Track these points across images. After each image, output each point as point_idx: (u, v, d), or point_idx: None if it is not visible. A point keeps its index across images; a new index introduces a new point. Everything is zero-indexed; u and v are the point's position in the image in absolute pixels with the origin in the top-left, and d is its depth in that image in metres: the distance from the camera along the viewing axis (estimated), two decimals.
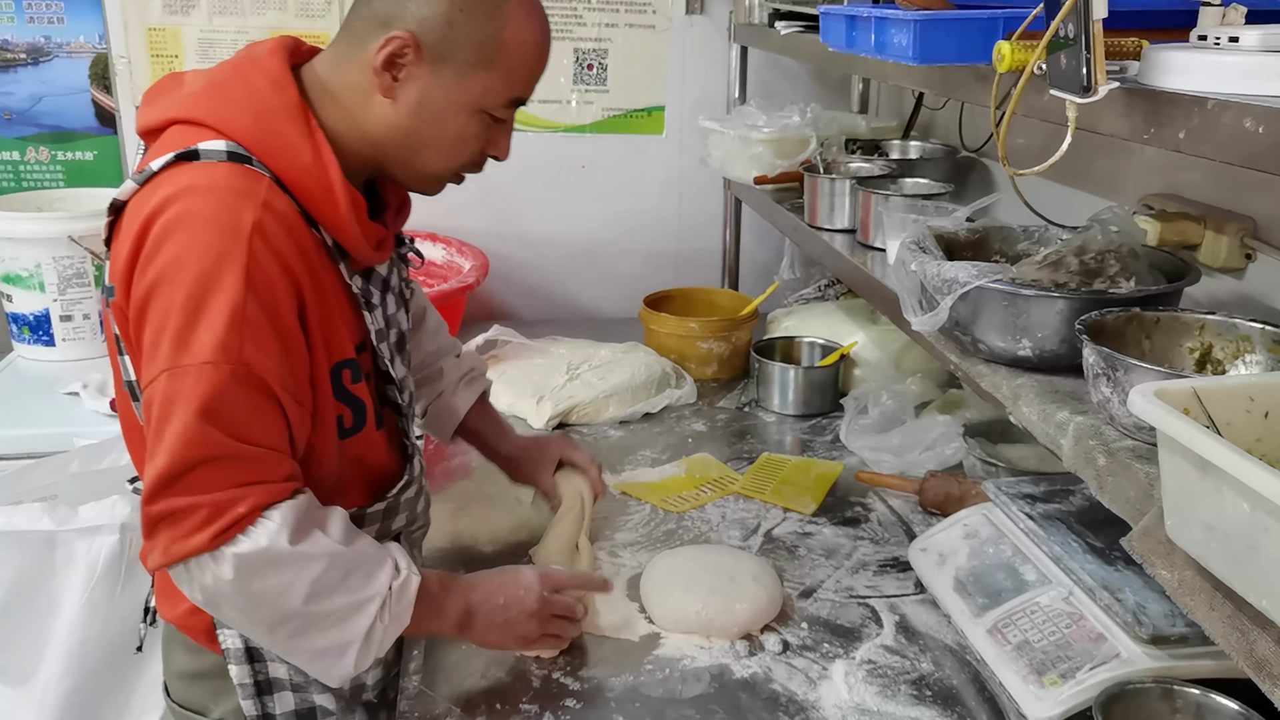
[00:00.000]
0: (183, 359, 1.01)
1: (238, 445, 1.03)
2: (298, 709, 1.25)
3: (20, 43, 2.45)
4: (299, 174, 1.10)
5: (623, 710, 1.20)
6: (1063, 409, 1.08)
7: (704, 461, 1.84)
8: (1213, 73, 0.86)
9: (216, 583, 1.03)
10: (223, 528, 1.02)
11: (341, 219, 1.12)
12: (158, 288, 1.02)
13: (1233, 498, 0.71)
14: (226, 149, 1.07)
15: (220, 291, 1.01)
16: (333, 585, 1.08)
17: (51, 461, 1.88)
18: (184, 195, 1.04)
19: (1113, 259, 1.20)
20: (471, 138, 1.19)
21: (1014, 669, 1.18)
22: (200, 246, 1.02)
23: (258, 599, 1.05)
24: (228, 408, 1.02)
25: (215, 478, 1.02)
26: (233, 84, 1.13)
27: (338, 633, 1.09)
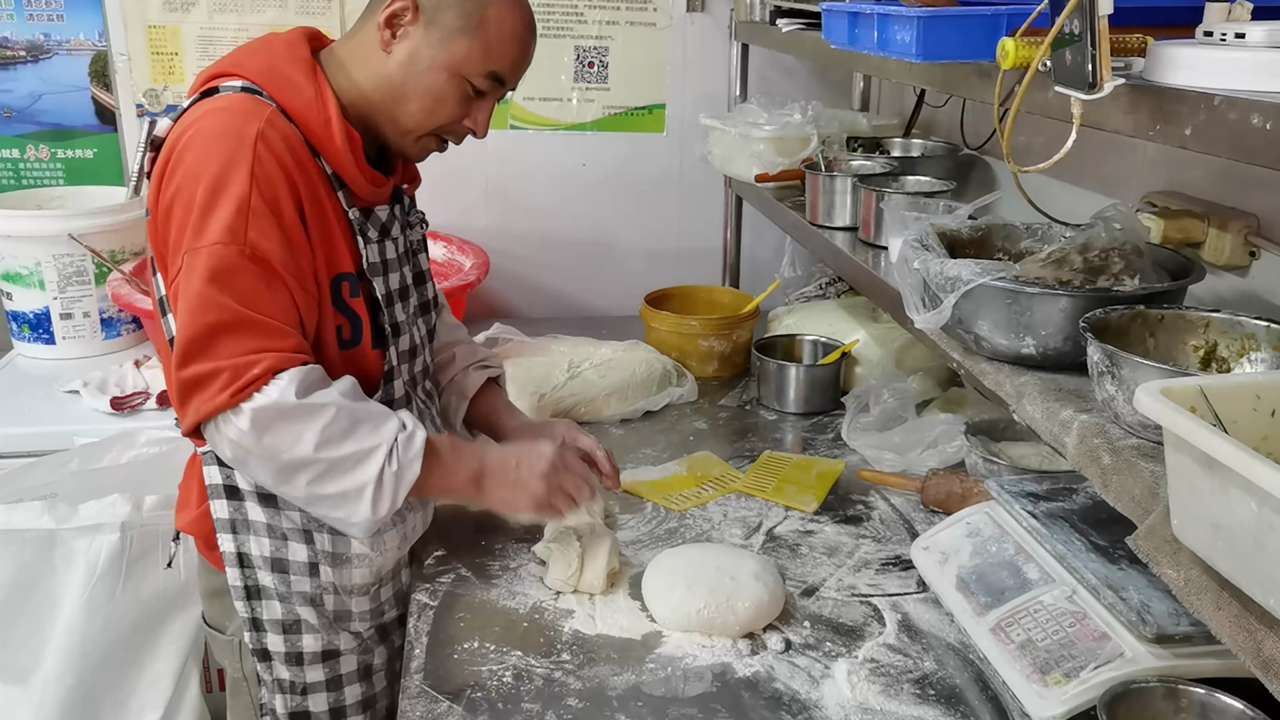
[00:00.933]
0: (197, 242, 1.19)
1: (248, 313, 1.19)
2: (283, 619, 1.37)
3: (20, 40, 2.45)
4: (301, 107, 1.28)
5: (625, 709, 1.20)
6: (1067, 407, 1.08)
7: (706, 460, 1.84)
8: (1219, 69, 0.85)
9: (239, 435, 1.20)
10: (240, 386, 1.18)
11: (337, 148, 1.29)
12: (179, 194, 1.21)
13: (1240, 496, 0.71)
14: (240, 85, 1.28)
15: (229, 185, 1.20)
16: (341, 434, 1.23)
17: (51, 460, 1.87)
18: (200, 119, 1.24)
19: (1116, 256, 1.19)
20: (449, 100, 1.34)
21: (1017, 668, 1.18)
22: (211, 152, 1.21)
23: (274, 448, 1.21)
24: (236, 280, 1.19)
25: (232, 344, 1.19)
26: (254, 45, 1.35)
27: (350, 478, 1.24)
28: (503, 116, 2.60)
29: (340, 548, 1.38)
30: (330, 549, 1.37)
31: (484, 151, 1.36)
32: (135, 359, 2.22)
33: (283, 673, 1.38)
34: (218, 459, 1.32)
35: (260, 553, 1.35)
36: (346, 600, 1.41)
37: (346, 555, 1.38)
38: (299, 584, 1.36)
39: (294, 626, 1.37)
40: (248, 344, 1.19)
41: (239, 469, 1.30)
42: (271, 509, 1.34)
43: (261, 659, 1.38)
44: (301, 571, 1.36)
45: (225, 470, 1.33)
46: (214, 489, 1.34)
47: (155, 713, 1.79)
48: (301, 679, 1.39)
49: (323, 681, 1.41)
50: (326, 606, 1.39)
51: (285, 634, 1.37)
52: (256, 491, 1.34)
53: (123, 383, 2.12)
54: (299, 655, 1.38)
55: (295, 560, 1.36)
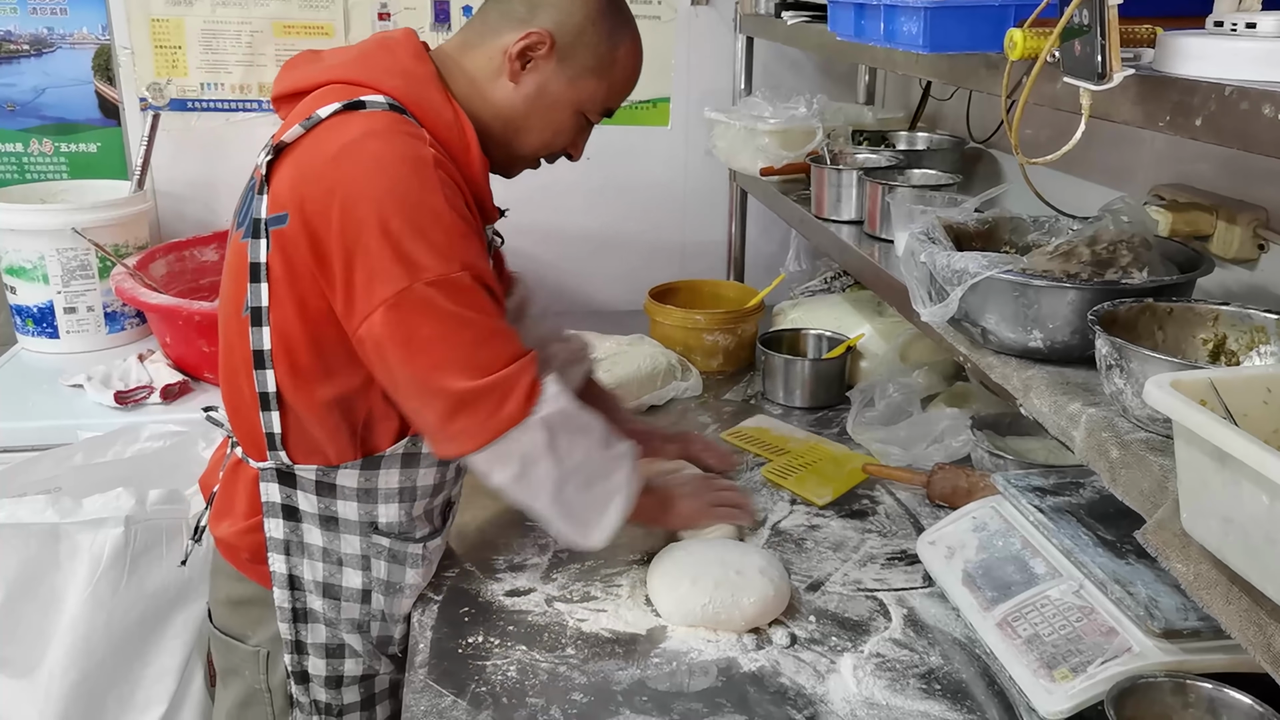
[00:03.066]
0: (419, 275, 1.15)
1: (495, 324, 1.21)
2: (328, 643, 1.36)
3: (23, 34, 2.44)
4: (443, 130, 1.25)
5: (629, 703, 1.20)
6: (1075, 401, 1.07)
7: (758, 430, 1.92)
8: (1229, 59, 0.84)
9: (532, 446, 1.22)
10: (523, 397, 1.20)
11: (476, 172, 1.28)
12: (365, 226, 1.15)
13: (1251, 490, 0.70)
14: (387, 101, 1.23)
15: (428, 214, 1.16)
16: (603, 441, 1.29)
17: (55, 454, 1.87)
18: (367, 138, 1.18)
19: (1124, 249, 1.18)
20: (566, 132, 1.36)
21: (1024, 663, 1.17)
22: (395, 181, 1.16)
23: (562, 453, 1.24)
24: (473, 300, 1.19)
25: (491, 358, 1.20)
26: (379, 55, 1.29)
27: (606, 485, 1.30)
28: None
29: (395, 576, 1.35)
30: (385, 577, 1.34)
31: None
32: (139, 353, 2.21)
33: (320, 694, 1.38)
34: (279, 476, 1.29)
35: (313, 577, 1.33)
36: (391, 627, 1.39)
37: (400, 584, 1.36)
38: (349, 610, 1.35)
39: (338, 651, 1.36)
40: (505, 353, 1.20)
41: (516, 488, 1.25)
42: (331, 532, 1.32)
43: (299, 680, 1.37)
44: (353, 598, 1.34)
45: (286, 489, 1.30)
46: (270, 506, 1.31)
47: (160, 706, 1.79)
48: (339, 701, 1.38)
49: (358, 702, 1.40)
50: (372, 633, 1.37)
51: (328, 658, 1.36)
52: (319, 514, 1.31)
53: (126, 377, 2.12)
54: (339, 679, 1.37)
55: (348, 587, 1.34)
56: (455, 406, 1.19)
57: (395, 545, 1.34)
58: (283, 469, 1.29)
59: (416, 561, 1.36)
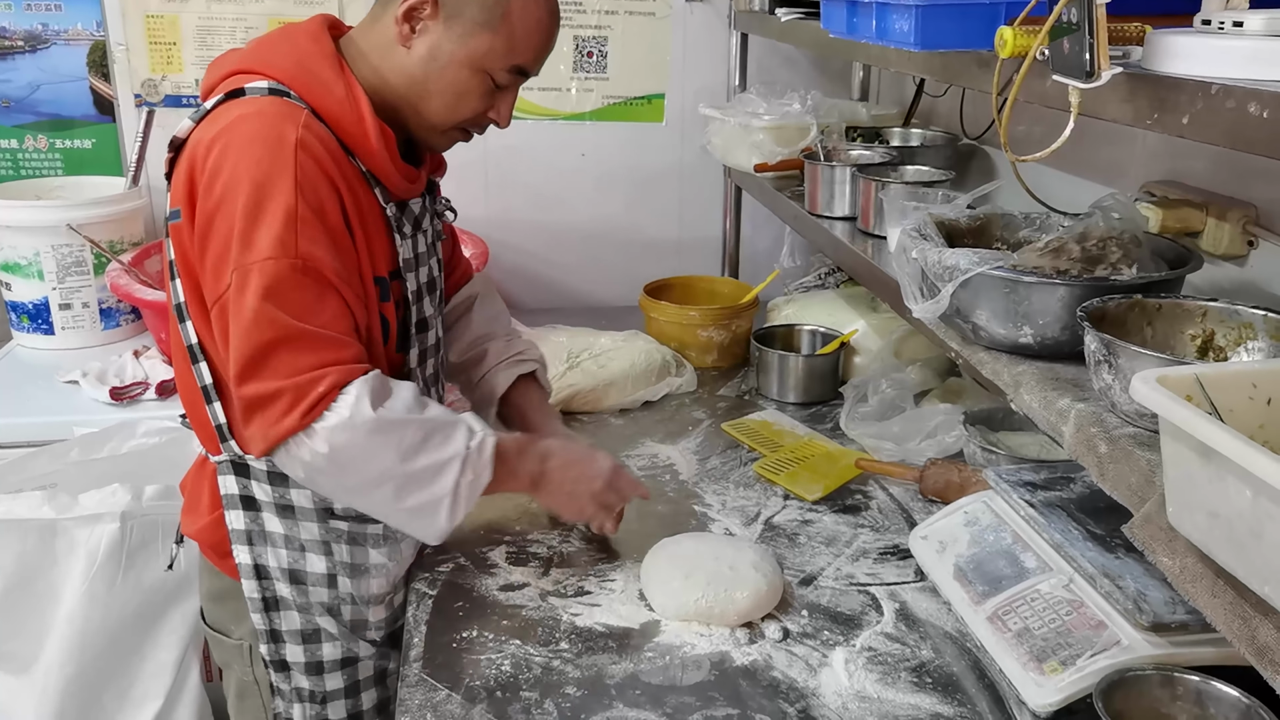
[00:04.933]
0: (246, 257, 1.15)
1: (304, 327, 1.16)
2: (302, 629, 1.36)
3: (18, 30, 2.44)
4: (333, 106, 1.24)
5: (623, 697, 1.20)
6: (1064, 396, 1.08)
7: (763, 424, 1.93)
8: (1217, 57, 0.85)
9: (314, 457, 1.18)
10: (309, 407, 1.16)
11: (371, 146, 1.26)
12: (220, 205, 1.17)
13: (1236, 485, 0.71)
14: (268, 86, 1.23)
15: (274, 196, 1.16)
16: (416, 446, 1.21)
17: (51, 450, 1.88)
18: (234, 124, 1.19)
19: (1114, 246, 1.19)
20: (472, 94, 1.31)
21: (1014, 656, 1.18)
22: (252, 161, 1.17)
23: (350, 466, 1.19)
24: (291, 294, 1.16)
25: (291, 360, 1.16)
26: (276, 39, 1.31)
27: (428, 491, 1.23)
28: None
29: (358, 558, 1.36)
30: (349, 560, 1.35)
31: (483, 141, 1.36)
32: (134, 349, 2.22)
33: (302, 682, 1.38)
34: (235, 468, 1.31)
35: (278, 564, 1.33)
36: (364, 609, 1.39)
37: (365, 566, 1.37)
38: (317, 595, 1.35)
39: (313, 636, 1.36)
40: (308, 359, 1.17)
41: (308, 486, 1.28)
42: (289, 520, 1.32)
43: (279, 669, 1.37)
44: (320, 583, 1.35)
45: (242, 480, 1.31)
46: (230, 499, 1.32)
47: (156, 702, 1.80)
48: (321, 687, 1.39)
49: (341, 689, 1.40)
50: (345, 616, 1.38)
51: (305, 644, 1.36)
52: (275, 503, 1.32)
53: (122, 373, 2.12)
54: (319, 664, 1.38)
55: (313, 571, 1.34)
56: (245, 408, 1.18)
57: (354, 528, 1.35)
58: (236, 460, 1.30)
59: (379, 542, 1.37)
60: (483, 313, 1.66)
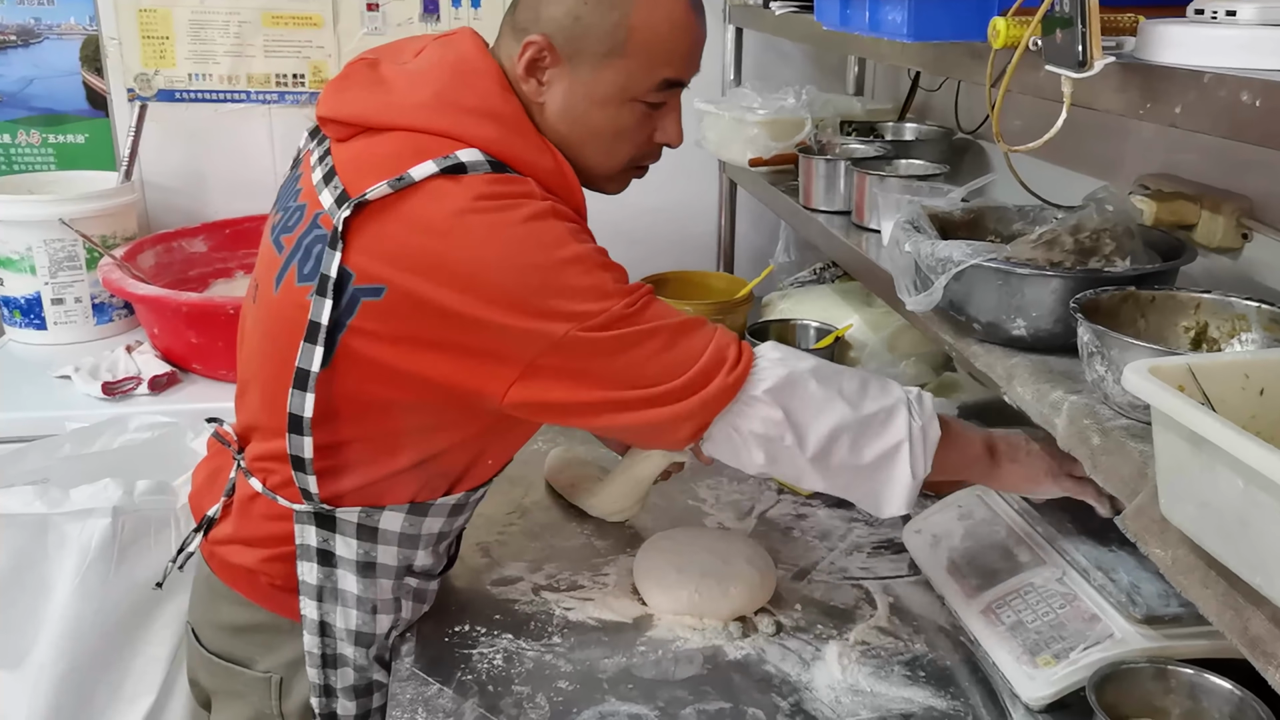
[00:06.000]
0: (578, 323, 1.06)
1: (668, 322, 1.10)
2: (356, 684, 1.28)
3: (10, 24, 2.43)
4: (545, 177, 1.14)
5: (615, 691, 1.20)
6: (1057, 388, 1.07)
7: None
8: (1210, 46, 0.85)
9: (766, 424, 1.10)
10: (732, 369, 1.09)
11: (583, 214, 1.19)
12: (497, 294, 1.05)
13: (1226, 474, 0.71)
14: (486, 160, 1.10)
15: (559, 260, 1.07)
16: (858, 392, 1.13)
17: (43, 445, 1.87)
18: (475, 209, 1.07)
19: (1108, 238, 1.19)
20: (628, 128, 1.20)
21: (1007, 649, 1.18)
22: (516, 243, 1.06)
23: (807, 422, 1.10)
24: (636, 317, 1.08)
25: (684, 350, 1.09)
26: (462, 92, 1.15)
27: (884, 437, 1.13)
28: None
29: (415, 614, 1.31)
30: (409, 616, 1.31)
31: None
32: (127, 344, 2.21)
33: None
34: (316, 518, 1.21)
35: (346, 625, 1.25)
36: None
37: (414, 620, 1.33)
38: (377, 651, 1.29)
39: (366, 690, 1.30)
40: (698, 341, 1.10)
41: (771, 468, 1.15)
42: (368, 579, 1.24)
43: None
44: (383, 641, 1.29)
45: (323, 533, 1.21)
46: (305, 550, 1.22)
47: (149, 697, 1.79)
48: None
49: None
50: (388, 659, 1.32)
51: (358, 698, 1.30)
52: (357, 560, 1.23)
53: (114, 368, 2.11)
54: (366, 714, 1.32)
55: (380, 633, 1.28)
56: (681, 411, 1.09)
57: (420, 584, 1.30)
58: (321, 512, 1.21)
59: (430, 597, 1.34)
60: None
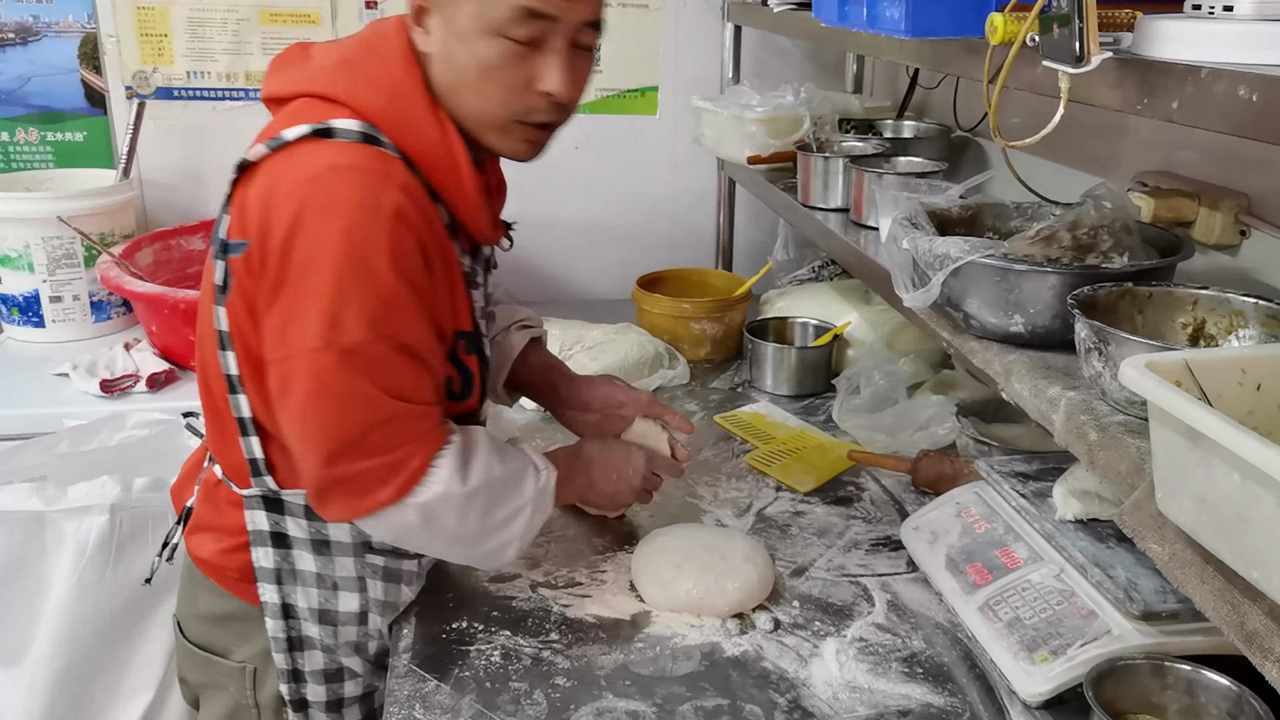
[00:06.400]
0: (340, 337, 1.08)
1: (401, 405, 1.12)
2: (325, 668, 1.30)
3: (8, 22, 2.43)
4: (428, 151, 1.14)
5: (613, 688, 1.20)
6: (1054, 384, 1.07)
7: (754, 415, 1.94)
8: (1207, 42, 0.85)
9: (404, 527, 1.18)
10: (403, 482, 1.14)
11: (468, 196, 1.18)
12: (307, 267, 1.08)
13: (1223, 468, 0.71)
14: (360, 130, 1.11)
15: (369, 274, 1.08)
16: (494, 504, 1.21)
17: (40, 442, 1.87)
18: (327, 175, 1.09)
19: (1106, 234, 1.19)
20: (494, 66, 1.12)
21: (1005, 646, 1.18)
22: (344, 227, 1.07)
23: (441, 531, 1.20)
24: (388, 376, 1.11)
25: (387, 439, 1.13)
26: (364, 60, 1.17)
27: (500, 537, 1.23)
28: None
29: (391, 595, 1.31)
30: (382, 597, 1.30)
31: None
32: (125, 342, 2.21)
33: (320, 719, 1.33)
34: (266, 502, 1.24)
35: (308, 604, 1.26)
36: (386, 641, 1.34)
37: (397, 604, 1.33)
38: (346, 634, 1.29)
39: (336, 675, 1.31)
40: (402, 434, 1.13)
41: (394, 543, 1.25)
42: (324, 557, 1.26)
43: (298, 708, 1.31)
44: (350, 621, 1.29)
45: (274, 516, 1.24)
46: (258, 535, 1.24)
47: (146, 694, 1.79)
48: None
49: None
50: (370, 651, 1.32)
51: (328, 683, 1.31)
52: (310, 539, 1.25)
53: (112, 365, 2.11)
54: (339, 701, 1.32)
55: (345, 611, 1.28)
56: (328, 485, 1.13)
57: (390, 563, 1.30)
58: (269, 495, 1.23)
59: (411, 578, 1.33)
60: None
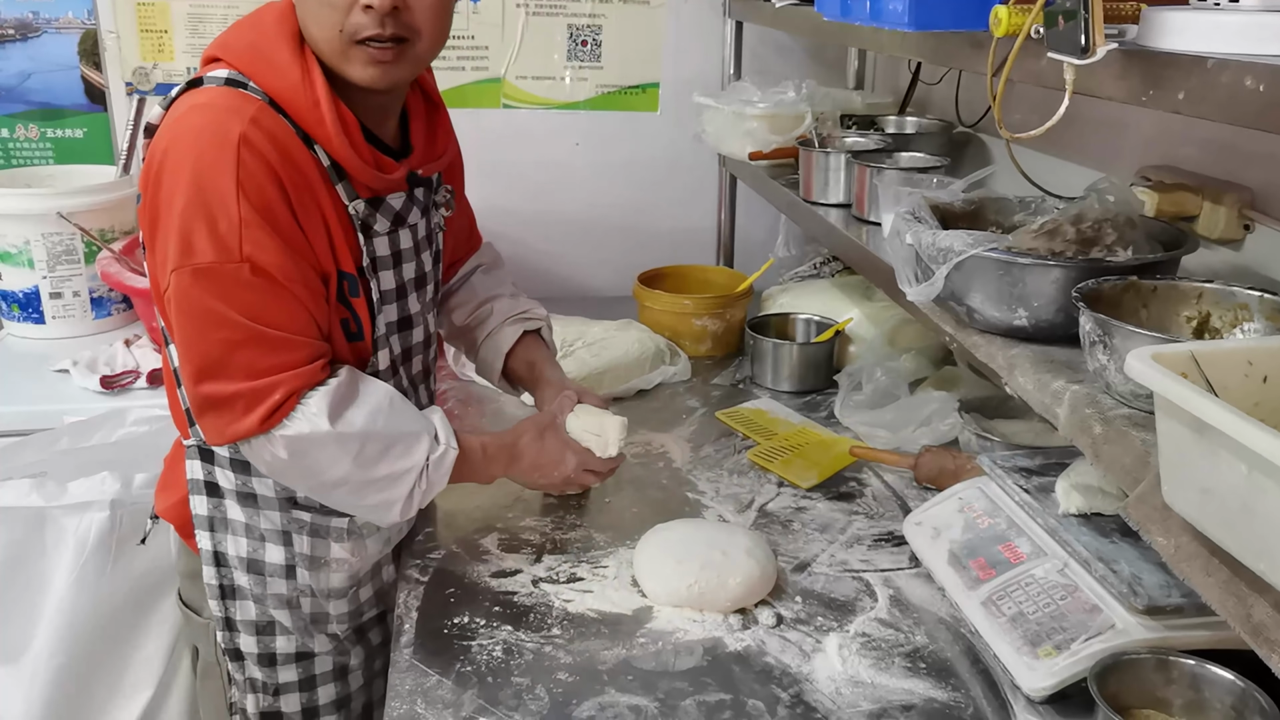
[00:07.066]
0: (190, 259, 1.13)
1: (258, 328, 1.15)
2: (257, 620, 1.35)
3: (8, 18, 2.42)
4: (290, 93, 1.18)
5: (615, 683, 1.20)
6: (1058, 378, 1.07)
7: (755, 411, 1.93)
8: (1212, 32, 0.84)
9: (273, 459, 1.21)
10: (266, 413, 1.17)
11: (329, 133, 1.19)
12: (163, 198, 1.15)
13: (1229, 459, 0.70)
14: (226, 75, 1.19)
15: (215, 198, 1.12)
16: (375, 457, 1.23)
17: (40, 438, 1.86)
18: (186, 115, 1.16)
19: (1110, 228, 1.18)
20: None
21: (1008, 641, 1.18)
22: (194, 158, 1.13)
23: (311, 470, 1.22)
24: (240, 295, 1.14)
25: (247, 363, 1.16)
26: (245, 22, 1.25)
27: (384, 495, 1.26)
28: (495, 95, 2.59)
29: (319, 550, 1.35)
30: (308, 552, 1.34)
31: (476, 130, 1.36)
32: (125, 338, 2.21)
33: (255, 672, 1.37)
34: (201, 453, 1.31)
35: (237, 553, 1.33)
36: (324, 603, 1.38)
37: (325, 559, 1.36)
38: (275, 586, 1.34)
39: (267, 628, 1.35)
40: (264, 362, 1.16)
41: (273, 477, 1.29)
42: (251, 508, 1.32)
43: (234, 658, 1.36)
44: (278, 574, 1.34)
45: (207, 466, 1.31)
46: (194, 484, 1.32)
47: (147, 690, 1.79)
48: (274, 680, 1.38)
49: (295, 682, 1.39)
50: (303, 609, 1.37)
51: (259, 635, 1.35)
52: (237, 490, 1.31)
53: (113, 362, 2.11)
54: (271, 656, 1.36)
55: (271, 562, 1.33)
56: (200, 405, 1.19)
57: (316, 520, 1.34)
58: (202, 445, 1.30)
59: (341, 536, 1.36)
60: (485, 278, 1.64)
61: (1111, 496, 1.24)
